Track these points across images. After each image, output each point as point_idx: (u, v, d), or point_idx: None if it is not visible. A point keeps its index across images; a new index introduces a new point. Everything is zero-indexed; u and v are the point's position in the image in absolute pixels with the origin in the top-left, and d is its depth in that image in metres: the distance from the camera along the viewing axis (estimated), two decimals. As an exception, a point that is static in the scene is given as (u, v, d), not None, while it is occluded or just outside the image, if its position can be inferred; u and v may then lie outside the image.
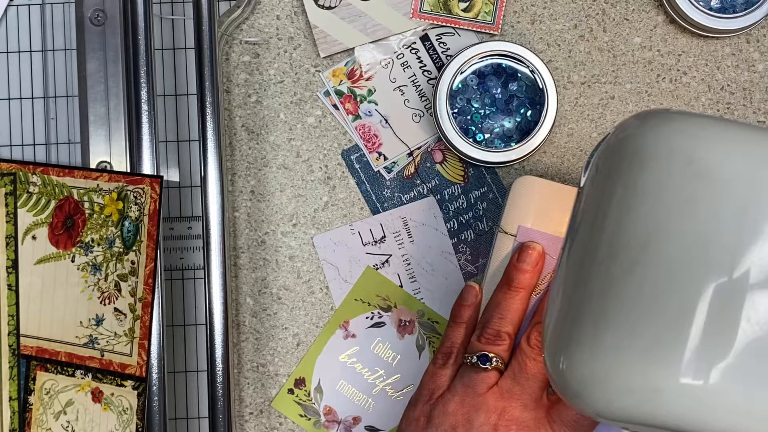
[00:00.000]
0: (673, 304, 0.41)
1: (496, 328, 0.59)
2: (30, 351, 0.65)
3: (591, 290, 0.44)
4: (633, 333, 0.42)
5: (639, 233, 0.43)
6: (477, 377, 0.58)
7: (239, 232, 0.69)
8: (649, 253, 0.42)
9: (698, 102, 0.68)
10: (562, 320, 0.46)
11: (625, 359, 0.42)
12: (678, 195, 0.42)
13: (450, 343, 0.61)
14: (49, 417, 0.64)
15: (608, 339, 0.43)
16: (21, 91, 0.69)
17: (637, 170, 0.44)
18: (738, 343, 0.41)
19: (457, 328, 0.61)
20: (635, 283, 0.42)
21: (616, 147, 0.46)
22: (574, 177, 0.67)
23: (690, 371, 0.41)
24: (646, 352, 0.42)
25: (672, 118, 0.44)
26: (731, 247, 0.41)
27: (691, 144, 0.43)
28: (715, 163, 0.42)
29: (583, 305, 0.44)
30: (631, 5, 0.68)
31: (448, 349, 0.61)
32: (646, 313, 0.42)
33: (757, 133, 0.43)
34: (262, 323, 0.69)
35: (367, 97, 0.68)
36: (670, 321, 0.41)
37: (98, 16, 0.67)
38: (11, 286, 0.64)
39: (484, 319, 0.60)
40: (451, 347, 0.61)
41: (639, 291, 0.42)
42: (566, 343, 0.45)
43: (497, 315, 0.60)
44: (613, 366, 0.42)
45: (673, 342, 0.41)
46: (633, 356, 0.42)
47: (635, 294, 0.42)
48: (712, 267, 0.41)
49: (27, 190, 0.64)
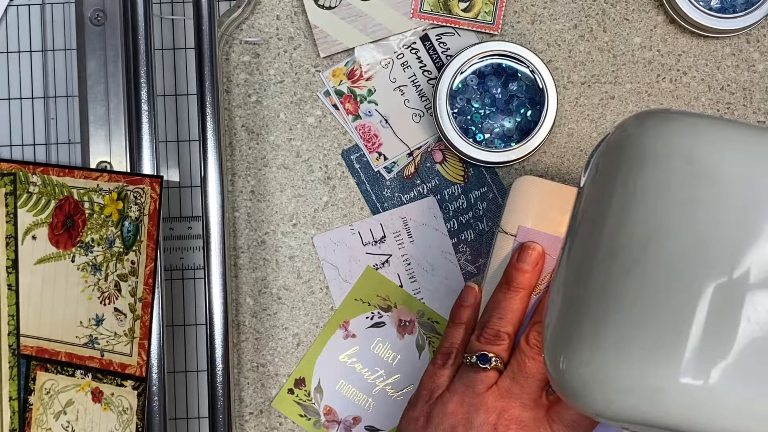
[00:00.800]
0: (674, 303, 0.41)
1: (496, 328, 0.59)
2: (30, 351, 0.65)
3: (591, 290, 0.44)
4: (633, 333, 0.42)
5: (639, 233, 0.43)
6: (476, 377, 0.58)
7: (239, 232, 0.69)
8: (649, 253, 0.42)
9: (698, 102, 0.68)
10: (562, 320, 0.46)
11: (625, 359, 0.42)
12: (678, 195, 0.42)
13: (449, 343, 0.61)
14: (49, 417, 0.64)
15: (608, 339, 0.43)
16: (21, 91, 0.69)
17: (637, 170, 0.44)
18: (738, 343, 0.41)
19: (456, 328, 0.61)
20: (635, 283, 0.42)
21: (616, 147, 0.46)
22: (574, 177, 0.67)
23: (690, 371, 0.41)
24: (646, 352, 0.42)
25: (672, 118, 0.44)
26: (731, 247, 0.41)
27: (691, 144, 0.43)
28: (715, 163, 0.42)
29: (583, 305, 0.44)
30: (631, 5, 0.68)
31: (448, 349, 0.61)
32: (646, 312, 0.42)
33: (757, 133, 0.43)
34: (262, 323, 0.69)
35: (367, 97, 0.68)
36: (670, 321, 0.41)
37: (98, 16, 0.67)
38: (11, 286, 0.64)
39: (483, 319, 0.60)
40: (450, 347, 0.61)
41: (639, 291, 0.42)
42: (566, 343, 0.44)
43: (497, 315, 0.60)
44: (613, 366, 0.42)
45: (674, 342, 0.41)
46: (633, 356, 0.42)
47: (635, 294, 0.42)
48: (712, 267, 0.41)
49: (27, 190, 0.64)
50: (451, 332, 0.61)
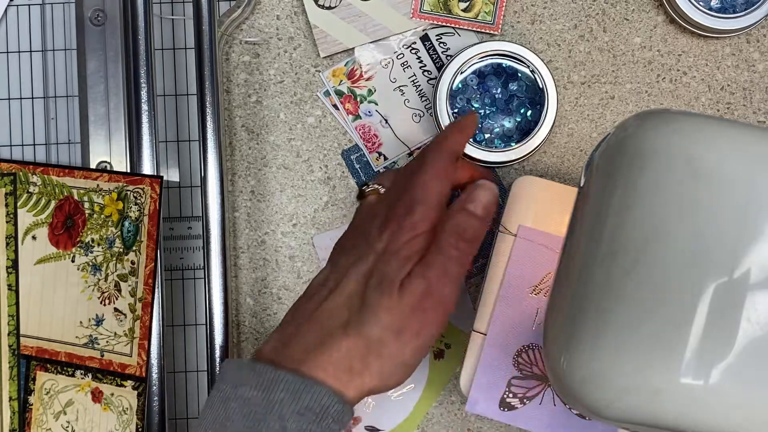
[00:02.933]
0: (674, 304, 0.41)
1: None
2: (30, 351, 0.65)
3: (591, 290, 0.44)
4: (633, 333, 0.42)
5: (639, 233, 0.43)
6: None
7: (239, 232, 0.69)
8: (649, 253, 0.42)
9: (698, 102, 0.68)
10: (562, 321, 0.46)
11: (625, 359, 0.42)
12: (678, 195, 0.42)
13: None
14: (49, 417, 0.64)
15: (608, 339, 0.43)
16: (21, 91, 0.69)
17: (637, 170, 0.44)
18: (738, 343, 0.41)
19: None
20: (635, 283, 0.42)
21: (616, 147, 0.46)
22: (574, 177, 0.67)
23: (690, 371, 0.41)
24: (646, 352, 0.42)
25: (672, 118, 0.44)
26: (731, 247, 0.41)
27: (691, 144, 0.43)
28: (715, 163, 0.42)
29: (583, 305, 0.44)
30: (631, 5, 0.68)
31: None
32: (647, 313, 0.42)
33: (757, 133, 0.43)
34: (262, 323, 0.69)
35: (367, 97, 0.68)
36: (670, 321, 0.41)
37: (98, 16, 0.67)
38: (11, 286, 0.64)
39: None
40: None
41: (639, 291, 0.42)
42: (566, 343, 0.44)
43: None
44: (614, 366, 0.42)
45: (674, 342, 0.41)
46: (633, 356, 0.42)
47: (635, 294, 0.42)
48: (712, 267, 0.41)
49: (27, 190, 0.64)
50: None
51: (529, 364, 0.62)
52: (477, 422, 0.68)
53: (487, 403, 0.62)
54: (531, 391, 0.62)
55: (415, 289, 0.52)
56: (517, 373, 0.62)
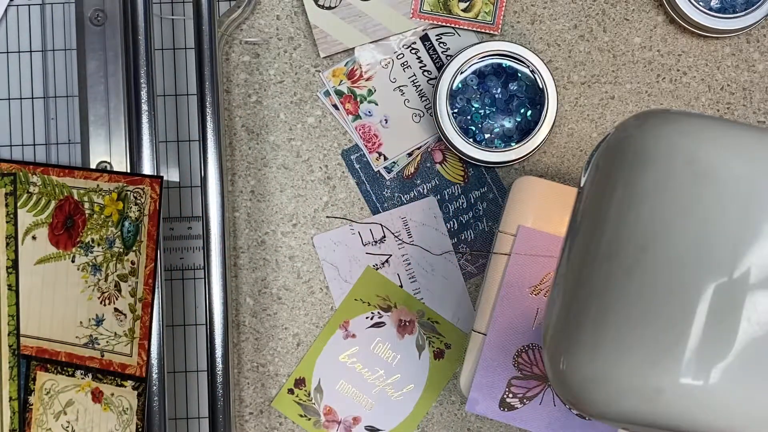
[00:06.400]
0: (674, 304, 0.41)
1: None
2: (30, 351, 0.65)
3: (591, 291, 0.44)
4: (633, 333, 0.42)
5: (639, 233, 0.43)
6: None
7: (239, 232, 0.69)
8: (649, 253, 0.42)
9: (698, 102, 0.68)
10: (562, 321, 0.46)
11: (625, 360, 0.42)
12: (678, 195, 0.42)
13: None
14: (49, 417, 0.64)
15: (608, 339, 0.43)
16: (21, 91, 0.69)
17: (638, 170, 0.44)
18: (738, 344, 0.41)
19: None
20: (635, 284, 0.42)
21: (616, 147, 0.46)
22: (574, 177, 0.67)
23: (690, 372, 0.41)
24: (646, 352, 0.42)
25: (672, 119, 0.44)
26: (731, 247, 0.41)
27: (691, 144, 0.43)
28: (715, 163, 0.42)
29: (583, 306, 0.44)
30: (631, 5, 0.68)
31: None
32: (646, 313, 0.42)
33: (757, 133, 0.43)
34: (262, 323, 0.69)
35: (367, 97, 0.68)
36: (671, 321, 0.41)
37: (98, 16, 0.67)
38: (11, 286, 0.64)
39: None
40: None
41: (639, 291, 0.42)
42: (566, 344, 0.44)
43: None
44: (614, 366, 0.42)
45: (674, 342, 0.41)
46: (633, 357, 0.42)
47: (635, 294, 0.42)
48: (713, 267, 0.41)
49: (27, 190, 0.64)
50: None
51: (529, 364, 0.62)
52: (477, 422, 0.68)
53: (487, 403, 0.62)
54: (531, 391, 0.62)
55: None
56: (517, 373, 0.62)
